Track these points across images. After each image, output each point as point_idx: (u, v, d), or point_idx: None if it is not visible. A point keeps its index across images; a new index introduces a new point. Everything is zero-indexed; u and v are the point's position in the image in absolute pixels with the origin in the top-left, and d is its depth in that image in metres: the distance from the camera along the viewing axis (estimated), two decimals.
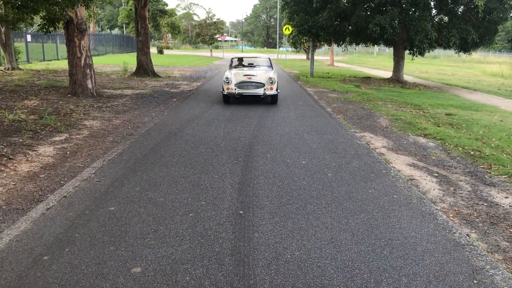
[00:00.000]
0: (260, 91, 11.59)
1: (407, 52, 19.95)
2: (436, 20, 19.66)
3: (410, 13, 18.35)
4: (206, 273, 3.25)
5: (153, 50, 28.87)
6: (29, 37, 26.06)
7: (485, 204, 5.00)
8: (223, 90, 11.72)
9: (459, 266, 3.46)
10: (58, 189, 5.02)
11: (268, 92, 11.61)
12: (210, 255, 3.51)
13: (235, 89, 11.53)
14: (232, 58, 13.90)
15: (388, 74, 23.09)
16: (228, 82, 11.59)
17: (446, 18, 19.61)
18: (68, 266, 3.30)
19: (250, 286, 3.10)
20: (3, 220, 4.16)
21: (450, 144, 7.81)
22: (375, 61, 45.66)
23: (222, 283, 3.13)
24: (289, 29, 29.17)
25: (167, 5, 59.13)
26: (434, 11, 19.67)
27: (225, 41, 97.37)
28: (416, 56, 19.38)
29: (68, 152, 6.68)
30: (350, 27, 20.01)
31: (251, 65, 13.48)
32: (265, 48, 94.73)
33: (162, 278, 3.17)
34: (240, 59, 13.79)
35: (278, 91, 12.03)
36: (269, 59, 13.59)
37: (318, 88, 17.33)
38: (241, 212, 4.43)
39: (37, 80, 16.08)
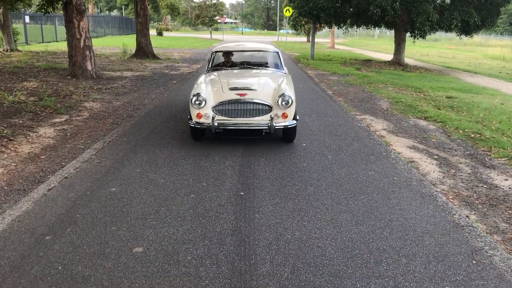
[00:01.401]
0: (262, 122, 5.87)
1: (408, 34, 19.78)
2: (438, 2, 19.39)
3: None
4: (208, 253, 3.28)
5: (152, 32, 28.56)
6: (27, 18, 25.79)
7: (484, 186, 5.02)
8: (190, 118, 6.02)
9: (458, 247, 3.49)
10: (59, 170, 5.03)
11: (278, 124, 5.86)
12: (211, 235, 3.54)
13: (213, 117, 5.81)
14: (212, 52, 7.75)
15: (389, 57, 22.93)
16: (200, 103, 5.86)
17: (448, 0, 19.37)
18: (70, 246, 3.33)
19: (251, 265, 3.13)
20: (5, 200, 4.19)
21: (451, 126, 7.80)
22: (376, 44, 45.29)
23: (223, 262, 3.16)
24: (289, 11, 28.85)
25: None
26: None
27: (225, 23, 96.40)
28: (417, 38, 19.21)
29: (68, 134, 6.68)
30: (351, 9, 19.78)
31: (247, 66, 7.46)
32: (265, 30, 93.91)
33: (163, 258, 3.20)
34: (228, 54, 7.65)
35: (298, 118, 6.29)
36: (278, 53, 7.68)
37: (319, 71, 17.23)
38: (241, 193, 4.45)
39: (36, 62, 15.97)
